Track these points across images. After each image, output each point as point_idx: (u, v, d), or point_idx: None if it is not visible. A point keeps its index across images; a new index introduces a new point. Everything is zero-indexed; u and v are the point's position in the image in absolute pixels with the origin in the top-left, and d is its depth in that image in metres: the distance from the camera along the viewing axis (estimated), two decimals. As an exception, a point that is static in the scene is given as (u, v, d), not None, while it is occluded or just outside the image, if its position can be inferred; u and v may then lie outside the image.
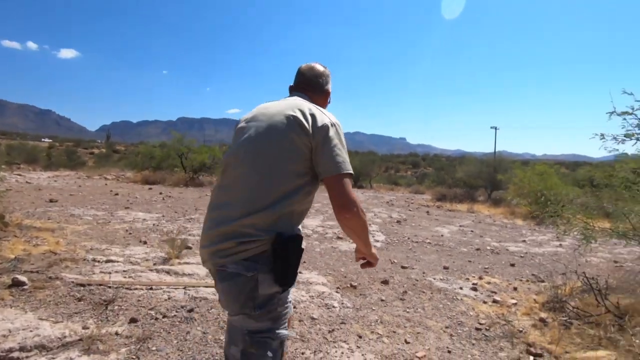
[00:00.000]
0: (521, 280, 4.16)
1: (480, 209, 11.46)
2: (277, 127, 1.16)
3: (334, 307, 3.02)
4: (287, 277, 1.11)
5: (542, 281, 4.13)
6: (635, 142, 2.68)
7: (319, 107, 1.23)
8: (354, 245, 1.95)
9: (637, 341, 2.47)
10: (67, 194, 8.87)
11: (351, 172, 1.14)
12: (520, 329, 2.82)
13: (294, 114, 1.16)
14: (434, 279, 4.03)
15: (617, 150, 3.03)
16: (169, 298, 2.88)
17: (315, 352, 2.31)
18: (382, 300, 3.29)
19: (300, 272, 3.93)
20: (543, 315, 3.05)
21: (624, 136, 2.70)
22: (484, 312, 3.17)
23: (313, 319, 2.77)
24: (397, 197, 15.27)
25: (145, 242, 4.62)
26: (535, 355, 2.44)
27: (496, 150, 45.26)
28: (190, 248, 4.34)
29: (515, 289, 3.79)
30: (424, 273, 4.24)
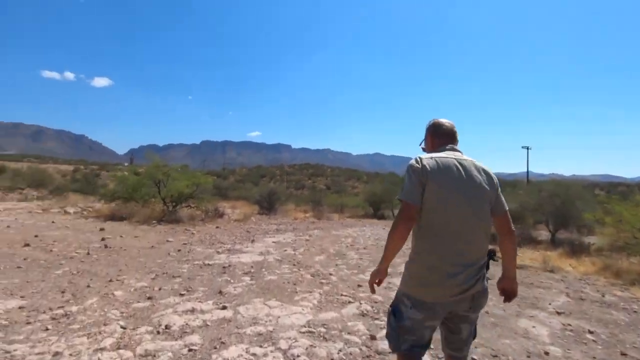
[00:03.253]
0: None
1: (556, 261, 7.73)
2: (485, 183, 1.75)
3: None
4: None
5: None
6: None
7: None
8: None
9: None
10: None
11: None
12: None
13: (488, 173, 1.80)
14: None
15: None
16: None
17: None
18: None
19: None
20: None
21: None
22: None
23: None
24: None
25: None
26: None
27: (525, 170, 40.06)
28: None
29: None
30: None
